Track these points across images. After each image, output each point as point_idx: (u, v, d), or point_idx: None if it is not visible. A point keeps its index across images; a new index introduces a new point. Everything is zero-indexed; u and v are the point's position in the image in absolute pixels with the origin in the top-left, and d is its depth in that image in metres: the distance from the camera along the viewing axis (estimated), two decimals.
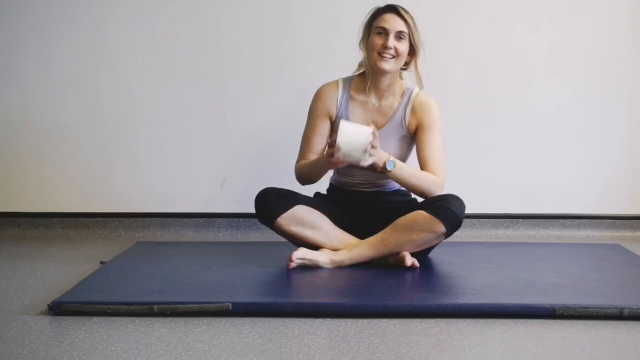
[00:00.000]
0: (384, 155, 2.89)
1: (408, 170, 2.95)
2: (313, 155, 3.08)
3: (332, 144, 2.82)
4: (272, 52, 3.73)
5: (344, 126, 2.79)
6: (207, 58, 3.75)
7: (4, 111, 3.79)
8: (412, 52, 3.02)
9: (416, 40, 3.00)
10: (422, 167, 3.04)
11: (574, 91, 3.75)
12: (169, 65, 3.76)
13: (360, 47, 3.08)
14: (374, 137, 2.80)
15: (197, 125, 3.78)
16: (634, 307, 2.41)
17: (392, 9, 3.01)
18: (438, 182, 2.98)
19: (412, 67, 3.06)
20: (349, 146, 2.78)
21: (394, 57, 2.98)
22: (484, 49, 3.72)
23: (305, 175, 3.08)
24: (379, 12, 3.03)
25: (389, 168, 2.89)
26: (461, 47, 3.72)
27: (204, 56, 3.75)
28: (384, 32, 2.98)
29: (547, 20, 3.71)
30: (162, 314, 2.43)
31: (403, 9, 3.01)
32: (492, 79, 3.73)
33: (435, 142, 3.02)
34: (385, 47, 2.96)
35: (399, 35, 2.98)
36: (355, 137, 2.78)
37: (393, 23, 2.98)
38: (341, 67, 3.16)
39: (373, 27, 3.01)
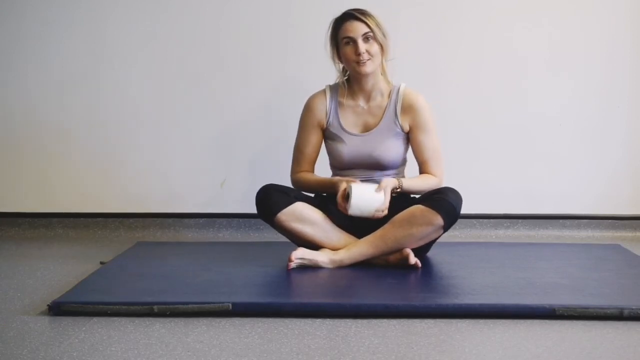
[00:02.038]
0: (391, 185, 2.95)
1: (411, 185, 3.03)
2: (308, 165, 3.15)
3: (341, 202, 2.91)
4: (272, 52, 3.73)
5: (355, 197, 2.86)
6: (207, 58, 3.75)
7: (4, 111, 3.79)
8: (380, 49, 3.05)
9: (379, 38, 3.02)
10: (421, 167, 3.11)
11: (574, 91, 3.75)
12: (168, 65, 3.76)
13: (334, 62, 3.12)
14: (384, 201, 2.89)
15: (197, 125, 3.78)
16: (634, 307, 2.41)
17: (350, 16, 3.03)
18: (438, 183, 3.07)
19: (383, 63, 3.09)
20: (358, 211, 2.89)
21: (370, 58, 3.01)
22: (484, 49, 3.72)
23: (310, 190, 3.13)
24: (339, 24, 3.06)
25: (399, 187, 2.98)
26: (461, 47, 3.72)
27: (204, 56, 3.75)
28: (351, 41, 3.01)
29: (547, 20, 3.71)
30: (162, 314, 2.43)
31: (359, 11, 3.03)
32: (492, 78, 3.73)
33: (431, 142, 3.08)
34: (358, 53, 2.99)
35: (365, 38, 3.00)
36: (363, 204, 2.88)
37: (356, 29, 3.01)
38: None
39: (339, 39, 3.06)
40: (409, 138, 3.11)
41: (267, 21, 3.72)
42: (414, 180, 3.07)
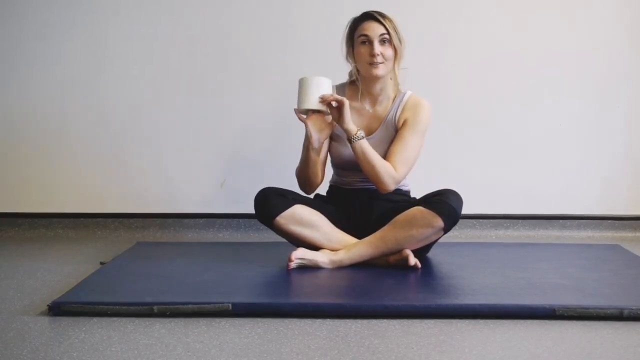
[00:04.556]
0: (355, 128, 2.92)
1: (373, 151, 2.94)
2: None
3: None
4: (272, 52, 3.73)
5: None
6: (208, 59, 3.75)
7: (5, 112, 3.79)
8: (394, 54, 3.01)
9: (396, 43, 2.99)
10: (386, 158, 3.00)
11: (574, 91, 3.75)
12: (169, 65, 3.76)
13: (347, 61, 3.09)
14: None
15: (197, 125, 3.78)
16: (633, 307, 2.41)
17: (370, 16, 3.00)
18: (394, 176, 2.96)
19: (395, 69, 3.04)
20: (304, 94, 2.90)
21: (383, 62, 2.98)
22: (484, 50, 3.72)
23: (301, 173, 3.07)
24: (357, 22, 3.03)
25: (360, 135, 2.90)
26: (461, 48, 3.72)
27: (204, 57, 3.75)
28: (368, 40, 2.98)
29: (547, 20, 3.71)
30: (162, 314, 2.43)
31: (379, 13, 3.00)
32: (491, 79, 3.73)
33: (409, 140, 2.99)
34: (372, 54, 2.97)
35: (382, 40, 2.98)
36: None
37: (374, 29, 2.98)
38: (341, 68, 3.16)
39: (355, 37, 3.02)
40: None
41: (268, 21, 3.72)
42: (374, 152, 2.94)
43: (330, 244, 2.97)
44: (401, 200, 3.09)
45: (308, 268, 2.90)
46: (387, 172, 2.94)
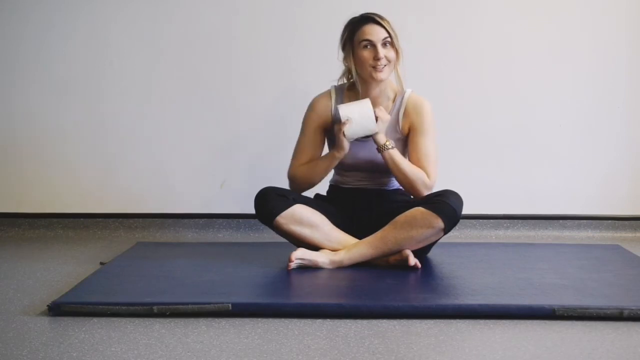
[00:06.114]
0: (385, 138, 2.97)
1: (404, 159, 2.99)
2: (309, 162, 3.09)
3: (339, 127, 2.94)
4: (272, 52, 3.73)
5: (341, 107, 2.94)
6: (208, 60, 3.75)
7: (5, 112, 3.79)
8: (396, 55, 3.01)
9: (397, 44, 2.99)
10: None
11: (574, 91, 3.75)
12: (169, 66, 3.76)
13: (344, 64, 3.07)
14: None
15: (197, 125, 3.78)
16: (634, 308, 2.41)
17: (371, 20, 2.98)
18: (427, 183, 3.00)
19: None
20: (356, 115, 2.92)
21: (387, 64, 2.98)
22: (484, 50, 3.72)
23: (306, 176, 3.07)
24: (357, 26, 3.00)
25: (389, 146, 2.93)
26: (461, 48, 3.72)
27: (204, 58, 3.75)
28: (370, 44, 2.97)
29: (547, 20, 3.71)
30: (162, 314, 2.43)
31: (378, 16, 2.99)
32: (491, 78, 3.73)
33: (426, 145, 3.02)
34: (377, 59, 2.96)
35: (384, 43, 2.97)
36: (355, 107, 2.93)
37: (376, 33, 2.97)
38: (341, 70, 3.15)
39: (356, 41, 3.00)
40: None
41: (268, 23, 3.72)
42: (405, 160, 3.01)
43: (330, 244, 2.97)
44: (401, 201, 3.09)
45: (308, 268, 2.91)
46: (419, 179, 2.97)
